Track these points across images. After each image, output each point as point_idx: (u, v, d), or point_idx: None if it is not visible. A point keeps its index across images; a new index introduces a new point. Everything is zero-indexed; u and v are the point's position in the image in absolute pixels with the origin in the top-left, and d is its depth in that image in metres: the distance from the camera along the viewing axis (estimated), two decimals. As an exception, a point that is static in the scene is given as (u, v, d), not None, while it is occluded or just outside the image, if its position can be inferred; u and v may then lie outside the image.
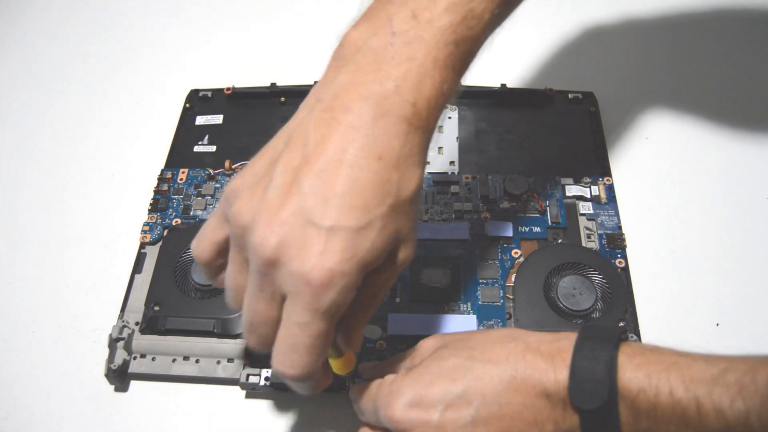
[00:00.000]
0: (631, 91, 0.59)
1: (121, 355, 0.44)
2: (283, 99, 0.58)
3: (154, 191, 0.53)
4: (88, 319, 0.48)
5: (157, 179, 0.53)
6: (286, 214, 0.29)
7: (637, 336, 0.43)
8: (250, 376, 0.43)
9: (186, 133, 0.57)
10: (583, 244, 0.48)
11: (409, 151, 0.30)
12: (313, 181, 0.29)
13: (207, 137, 0.56)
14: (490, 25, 0.32)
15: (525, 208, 0.50)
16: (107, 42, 0.67)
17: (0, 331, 0.47)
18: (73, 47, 0.67)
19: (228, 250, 0.32)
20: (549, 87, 0.57)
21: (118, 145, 0.58)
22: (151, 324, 0.45)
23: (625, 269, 0.47)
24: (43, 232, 0.53)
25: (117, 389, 0.44)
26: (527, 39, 0.62)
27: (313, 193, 0.29)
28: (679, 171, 0.53)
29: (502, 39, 0.35)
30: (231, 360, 0.44)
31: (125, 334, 0.44)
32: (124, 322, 0.45)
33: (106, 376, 0.43)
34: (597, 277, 0.45)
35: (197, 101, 0.59)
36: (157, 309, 0.46)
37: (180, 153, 0.56)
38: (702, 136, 0.55)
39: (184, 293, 0.46)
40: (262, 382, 0.42)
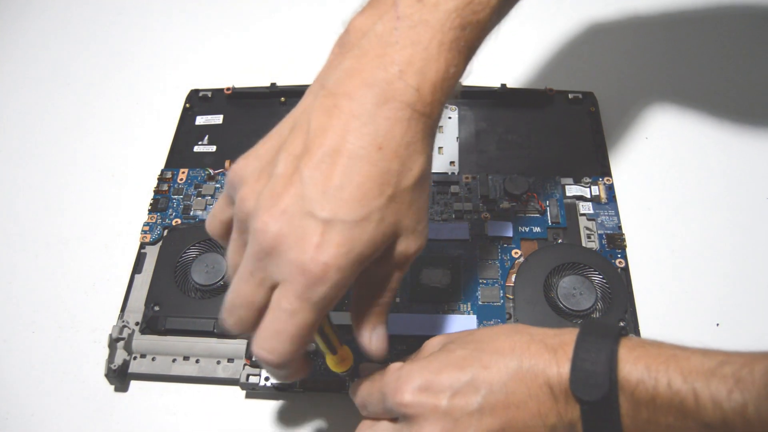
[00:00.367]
0: (631, 91, 0.59)
1: (121, 355, 0.44)
2: (283, 99, 0.58)
3: (154, 191, 0.53)
4: (88, 319, 0.48)
5: (157, 179, 0.53)
6: (287, 203, 0.29)
7: (637, 336, 0.43)
8: (250, 376, 0.43)
9: (186, 133, 0.57)
10: (583, 244, 0.48)
11: (411, 138, 0.30)
12: (313, 172, 0.29)
13: (207, 137, 0.56)
14: (497, 9, 0.32)
15: (525, 208, 0.50)
16: (107, 42, 0.67)
17: (0, 331, 0.48)
18: (73, 47, 0.67)
19: None
20: (549, 87, 0.57)
21: (118, 145, 0.58)
22: (151, 324, 0.45)
23: (625, 269, 0.47)
24: (43, 232, 0.53)
25: (117, 389, 0.44)
26: (527, 39, 0.62)
27: (312, 183, 0.29)
28: (678, 171, 0.53)
29: (502, 39, 0.35)
30: (231, 360, 0.44)
31: (125, 334, 0.44)
32: (124, 322, 0.45)
33: (106, 376, 0.43)
34: (597, 277, 0.45)
35: (197, 101, 0.59)
36: (157, 309, 0.46)
37: (180, 153, 0.56)
38: (702, 135, 0.55)
39: (184, 293, 0.46)
40: (262, 382, 0.42)
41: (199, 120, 0.58)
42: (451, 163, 0.53)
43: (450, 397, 0.32)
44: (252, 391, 0.43)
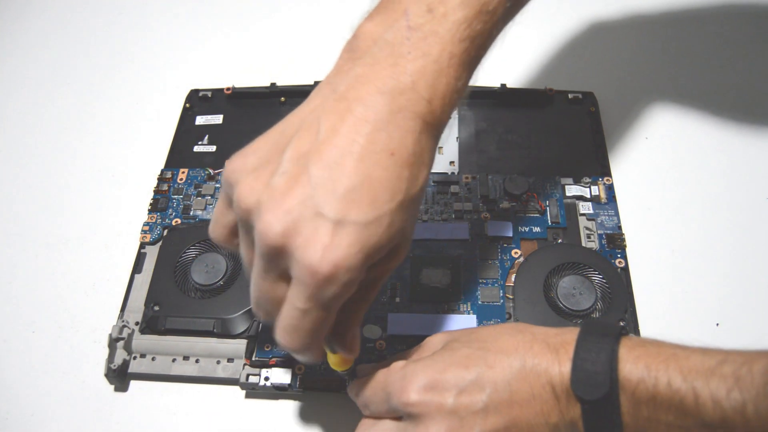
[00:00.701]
0: (631, 91, 0.59)
1: (121, 355, 0.44)
2: (283, 99, 0.58)
3: (154, 191, 0.53)
4: (88, 319, 0.48)
5: (157, 179, 0.53)
6: (292, 202, 0.28)
7: (637, 335, 0.43)
8: (250, 376, 0.43)
9: (186, 133, 0.57)
10: (583, 244, 0.48)
11: (421, 149, 0.30)
12: (324, 172, 0.28)
13: (207, 137, 0.56)
14: (502, 19, 0.32)
15: (525, 208, 0.50)
16: (107, 41, 0.67)
17: (0, 331, 0.48)
18: (73, 47, 0.67)
19: None
20: (549, 87, 0.57)
21: (118, 144, 0.58)
22: (151, 324, 0.45)
23: (625, 269, 0.47)
24: (43, 232, 0.53)
25: (117, 389, 0.44)
26: (527, 39, 0.62)
27: (322, 183, 0.28)
28: (679, 171, 0.53)
29: (502, 39, 0.35)
30: (231, 360, 0.44)
31: (125, 334, 0.44)
32: (124, 322, 0.45)
33: (106, 376, 0.43)
34: (597, 277, 0.45)
35: (197, 101, 0.59)
36: (157, 309, 0.46)
37: (180, 153, 0.56)
38: (702, 135, 0.55)
39: (184, 293, 0.46)
40: (262, 382, 0.42)
41: (199, 120, 0.58)
42: (451, 163, 0.53)
43: (456, 396, 0.32)
44: (252, 391, 0.43)
